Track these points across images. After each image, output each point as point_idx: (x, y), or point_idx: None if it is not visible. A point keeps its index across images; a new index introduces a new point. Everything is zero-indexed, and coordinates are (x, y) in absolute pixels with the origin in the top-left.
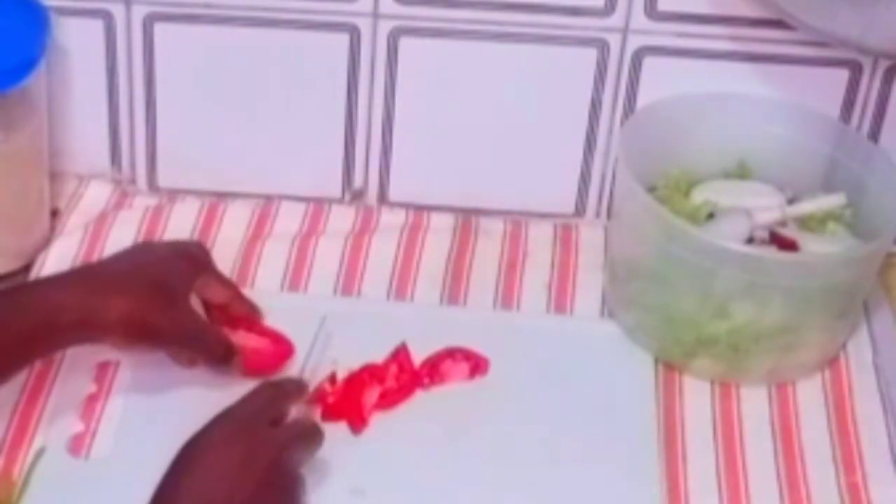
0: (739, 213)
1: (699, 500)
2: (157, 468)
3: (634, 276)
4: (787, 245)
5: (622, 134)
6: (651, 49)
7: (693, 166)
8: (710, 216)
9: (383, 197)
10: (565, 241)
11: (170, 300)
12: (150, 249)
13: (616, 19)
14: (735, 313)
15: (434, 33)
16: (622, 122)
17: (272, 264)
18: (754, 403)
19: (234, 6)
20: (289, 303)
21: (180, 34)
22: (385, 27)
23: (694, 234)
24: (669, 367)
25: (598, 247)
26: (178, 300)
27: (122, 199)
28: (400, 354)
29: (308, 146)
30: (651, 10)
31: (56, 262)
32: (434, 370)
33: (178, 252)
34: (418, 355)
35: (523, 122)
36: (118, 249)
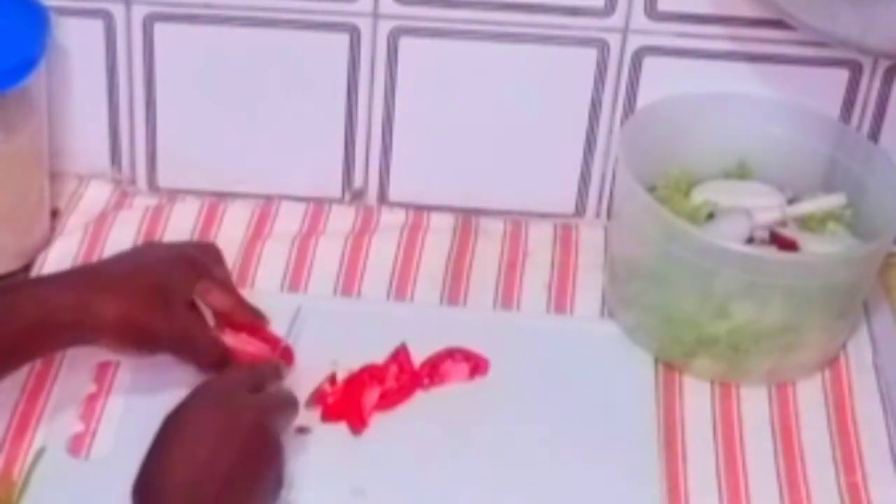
0: (739, 213)
1: (699, 500)
2: None
3: (634, 276)
4: (787, 245)
5: (622, 134)
6: (651, 49)
7: (693, 166)
8: (710, 216)
9: (383, 197)
10: (565, 241)
11: (166, 303)
12: (150, 251)
13: (616, 19)
14: (735, 313)
15: (434, 33)
16: (622, 122)
17: (272, 264)
18: (754, 403)
19: (234, 6)
20: (289, 303)
21: (180, 34)
22: (385, 27)
23: (694, 234)
24: (669, 367)
25: (598, 247)
26: (174, 304)
27: (122, 199)
28: (400, 355)
29: (308, 146)
30: (651, 10)
31: (56, 262)
32: (434, 370)
33: (179, 255)
34: (418, 355)
35: (523, 122)
36: (119, 250)
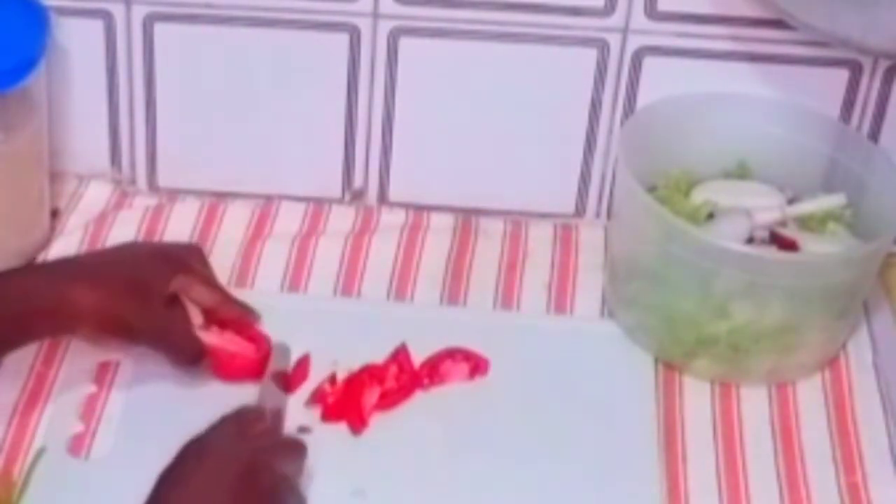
0: (739, 213)
1: (699, 500)
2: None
3: (634, 276)
4: (787, 245)
5: (622, 134)
6: (651, 49)
7: (693, 166)
8: (710, 216)
9: (383, 197)
10: (565, 241)
11: (142, 296)
12: (130, 248)
13: (616, 19)
14: (735, 313)
15: (434, 33)
16: (622, 122)
17: (272, 264)
18: (754, 403)
19: (234, 6)
20: (289, 303)
21: (180, 34)
22: (385, 27)
23: (694, 234)
24: (669, 367)
25: (598, 247)
26: (150, 297)
27: (122, 199)
28: (400, 355)
29: (308, 146)
30: (651, 10)
31: None
32: (434, 370)
33: (157, 251)
34: (418, 355)
35: (523, 122)
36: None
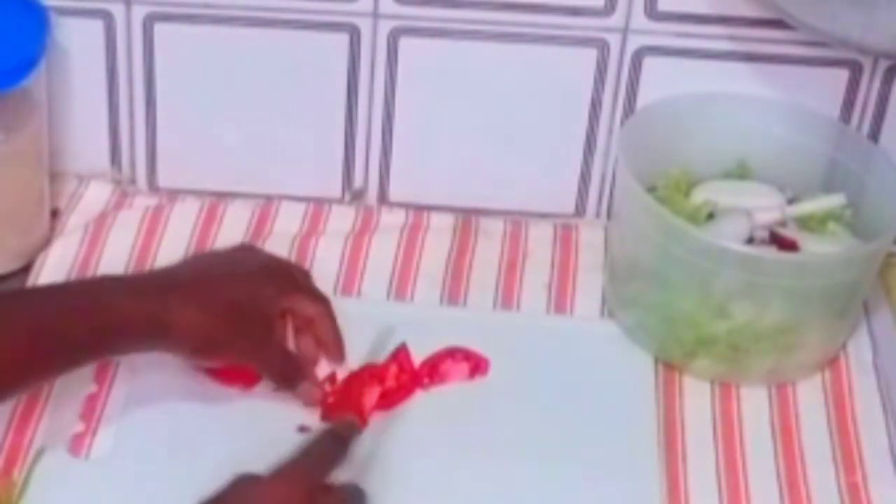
0: (739, 213)
1: (699, 500)
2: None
3: (634, 276)
4: (787, 245)
5: (622, 134)
6: (651, 49)
7: (693, 166)
8: (710, 216)
9: (383, 197)
10: (565, 241)
11: (244, 318)
12: (242, 259)
13: (616, 19)
14: (735, 313)
15: (434, 33)
16: (622, 122)
17: None
18: (754, 403)
19: (234, 6)
20: None
21: (180, 34)
22: (385, 27)
23: (694, 234)
24: (669, 367)
25: (598, 247)
26: (253, 319)
27: (122, 199)
28: (400, 354)
29: (308, 146)
30: (651, 10)
31: (56, 262)
32: (434, 370)
33: (267, 266)
34: (418, 355)
35: (523, 122)
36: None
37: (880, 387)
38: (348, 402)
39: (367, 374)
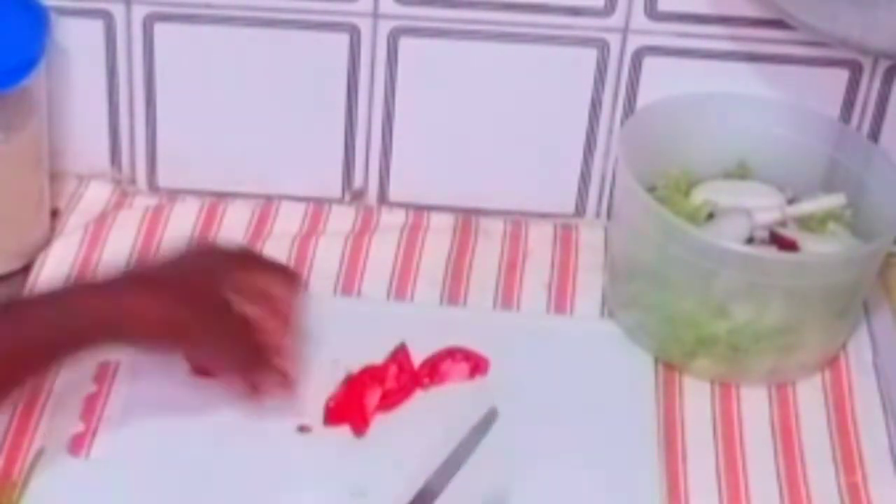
0: (739, 213)
1: (699, 500)
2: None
3: (634, 276)
4: (787, 245)
5: (622, 134)
6: (651, 49)
7: (693, 166)
8: (710, 216)
9: (383, 197)
10: (565, 241)
11: (200, 299)
12: (184, 251)
13: (616, 19)
14: (735, 313)
15: (434, 33)
16: (622, 122)
17: None
18: (754, 403)
19: (234, 6)
20: None
21: (180, 34)
22: (385, 27)
23: (694, 234)
24: (669, 367)
25: (598, 247)
26: (208, 299)
27: (122, 199)
28: (399, 355)
29: (308, 146)
30: (651, 10)
31: (56, 262)
32: (434, 370)
33: (211, 251)
34: (418, 355)
35: (523, 122)
36: (119, 250)
37: (880, 387)
38: (350, 404)
39: (368, 376)
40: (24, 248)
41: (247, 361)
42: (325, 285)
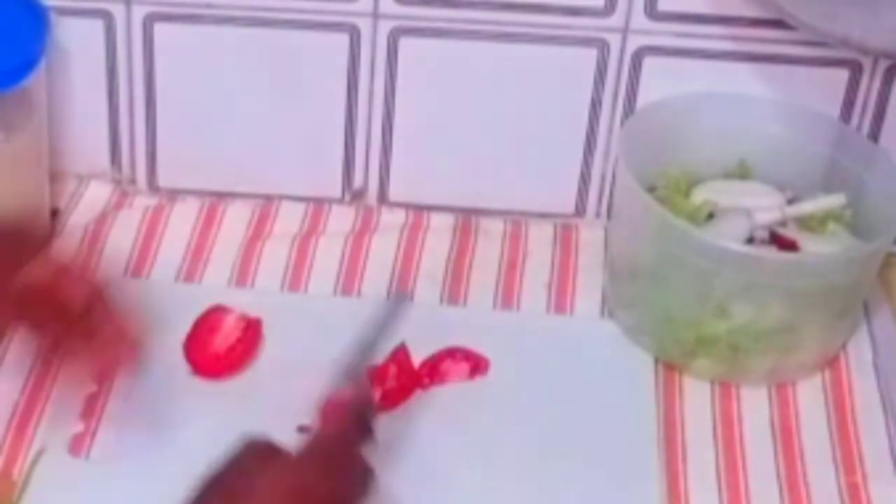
0: (739, 213)
1: (699, 500)
2: (157, 468)
3: (634, 276)
4: (787, 245)
5: (622, 134)
6: (651, 49)
7: (693, 166)
8: (710, 216)
9: (383, 197)
10: (565, 241)
11: None
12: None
13: (616, 19)
14: (735, 313)
15: (434, 33)
16: (622, 122)
17: (272, 264)
18: (754, 403)
19: (234, 6)
20: (289, 303)
21: (180, 34)
22: (385, 27)
23: (694, 234)
24: (669, 367)
25: (598, 247)
26: None
27: (122, 199)
28: (399, 354)
29: (308, 146)
30: (651, 10)
31: None
32: (434, 370)
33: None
34: (418, 355)
35: (523, 122)
36: (119, 251)
37: (880, 387)
38: None
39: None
40: None
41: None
42: (325, 285)
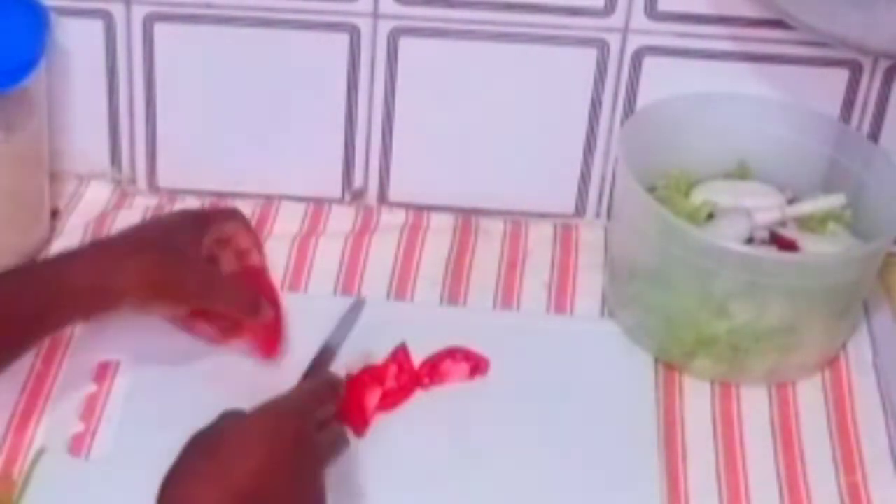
0: (739, 213)
1: (699, 500)
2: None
3: (634, 276)
4: (787, 245)
5: (622, 134)
6: (651, 49)
7: (693, 166)
8: (710, 216)
9: (383, 197)
10: (565, 241)
11: (181, 256)
12: (156, 218)
13: (616, 19)
14: (735, 313)
15: (434, 33)
16: (622, 122)
17: (272, 264)
18: (754, 403)
19: (234, 6)
20: (290, 303)
21: (180, 34)
22: (385, 27)
23: (694, 234)
24: (669, 367)
25: (598, 247)
26: (188, 255)
27: (122, 199)
28: (399, 354)
29: (308, 146)
30: (651, 10)
31: None
32: (434, 370)
33: (183, 213)
34: (418, 355)
35: (523, 122)
36: None
37: (880, 387)
38: (350, 405)
39: (368, 377)
40: (24, 248)
41: (242, 308)
42: (325, 285)
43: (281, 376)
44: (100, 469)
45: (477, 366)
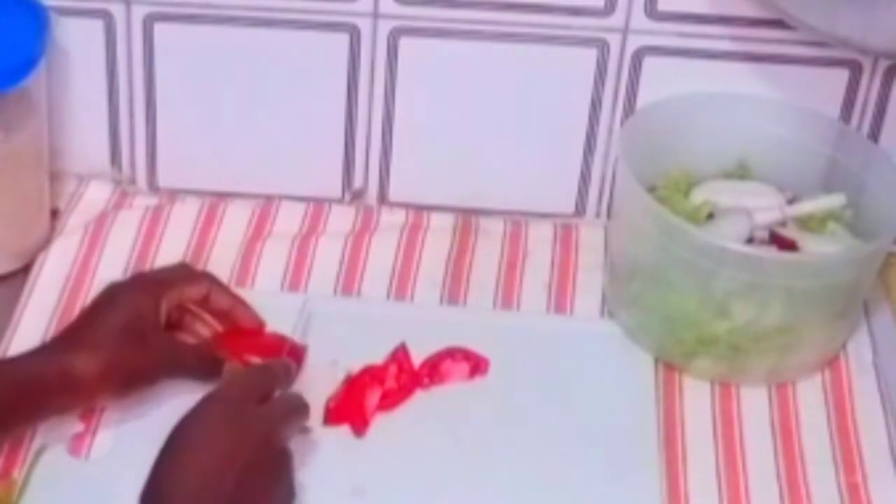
0: (739, 213)
1: (699, 500)
2: None
3: (634, 276)
4: (787, 245)
5: (622, 134)
6: (651, 49)
7: (693, 166)
8: (710, 216)
9: (383, 197)
10: (565, 241)
11: (140, 337)
12: (108, 292)
13: (616, 19)
14: (735, 313)
15: (434, 33)
16: (622, 122)
17: (272, 264)
18: (754, 403)
19: (234, 6)
20: (289, 303)
21: (180, 34)
22: (385, 27)
23: (694, 234)
24: (669, 367)
25: (598, 247)
26: (147, 333)
27: (122, 199)
28: (399, 354)
29: (308, 146)
30: (651, 10)
31: (56, 262)
32: (434, 370)
33: (134, 282)
34: (418, 355)
35: (523, 122)
36: (117, 254)
37: (880, 387)
38: (351, 405)
39: (368, 376)
40: (24, 248)
41: (204, 375)
42: (326, 285)
43: None
44: (100, 469)
45: (477, 366)
